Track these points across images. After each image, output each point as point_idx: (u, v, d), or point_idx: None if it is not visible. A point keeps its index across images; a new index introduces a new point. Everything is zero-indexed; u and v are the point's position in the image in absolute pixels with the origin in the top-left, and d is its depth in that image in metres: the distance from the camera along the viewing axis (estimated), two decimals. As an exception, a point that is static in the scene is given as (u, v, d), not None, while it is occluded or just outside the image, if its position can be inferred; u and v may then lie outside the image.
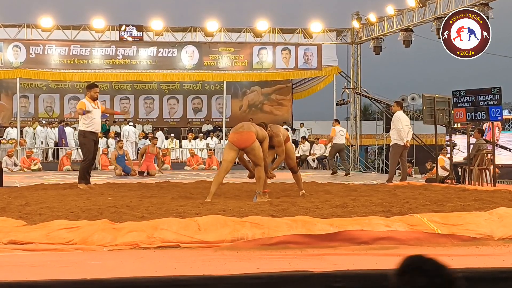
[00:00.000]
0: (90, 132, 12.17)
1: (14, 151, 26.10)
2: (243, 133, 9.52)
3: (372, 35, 28.48)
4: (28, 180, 16.34)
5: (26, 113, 31.81)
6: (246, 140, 9.48)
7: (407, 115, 30.63)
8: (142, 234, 5.76)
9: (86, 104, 12.05)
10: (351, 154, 29.96)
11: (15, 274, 4.46)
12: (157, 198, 9.83)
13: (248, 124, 9.81)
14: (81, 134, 12.28)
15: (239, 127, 9.67)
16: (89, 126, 12.11)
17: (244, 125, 9.67)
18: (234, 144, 9.55)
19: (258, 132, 9.60)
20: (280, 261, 5.01)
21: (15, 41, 27.85)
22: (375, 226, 6.07)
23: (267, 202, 8.88)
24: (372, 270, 4.41)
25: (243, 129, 9.57)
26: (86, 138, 12.13)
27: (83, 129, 12.16)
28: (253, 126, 9.67)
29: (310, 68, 29.96)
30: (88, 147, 12.13)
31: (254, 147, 9.52)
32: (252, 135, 9.50)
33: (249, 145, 9.47)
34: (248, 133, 9.50)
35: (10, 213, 7.46)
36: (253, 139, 9.49)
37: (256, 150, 9.57)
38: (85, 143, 12.17)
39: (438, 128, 16.04)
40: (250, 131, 9.52)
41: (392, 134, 15.31)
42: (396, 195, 10.05)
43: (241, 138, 9.50)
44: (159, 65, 29.18)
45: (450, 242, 5.80)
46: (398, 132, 15.04)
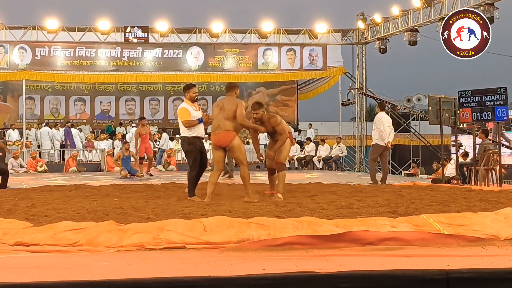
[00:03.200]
0: (196, 138, 10.57)
1: (20, 152, 26.15)
2: (220, 133, 9.73)
3: (377, 35, 28.46)
4: (34, 182, 16.38)
5: (32, 114, 31.87)
6: (225, 140, 9.73)
7: (411, 115, 30.85)
8: (148, 236, 5.77)
9: (188, 109, 10.49)
10: (357, 154, 29.95)
11: (22, 275, 4.47)
12: (162, 199, 9.84)
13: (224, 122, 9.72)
14: (185, 141, 10.58)
15: (216, 127, 9.81)
16: (193, 132, 10.52)
17: (221, 125, 9.73)
18: (216, 144, 9.88)
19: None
20: (286, 262, 5.01)
21: (20, 43, 27.92)
22: (380, 227, 6.06)
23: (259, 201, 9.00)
24: (378, 270, 4.40)
25: (220, 130, 9.72)
26: (191, 145, 10.51)
27: (188, 136, 10.49)
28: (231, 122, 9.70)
29: (315, 69, 29.96)
30: (194, 154, 10.54)
31: (234, 145, 9.76)
32: (230, 134, 9.70)
33: (228, 143, 9.72)
34: (225, 133, 9.69)
35: (16, 214, 7.48)
36: (231, 137, 9.72)
37: (236, 148, 9.80)
38: (191, 150, 10.52)
39: (444, 129, 16.03)
40: (228, 131, 9.67)
41: (373, 135, 15.33)
42: (402, 195, 10.03)
43: (220, 138, 9.77)
44: (164, 66, 29.23)
45: (456, 243, 5.78)
46: (380, 133, 15.09)
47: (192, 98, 10.60)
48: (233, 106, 9.66)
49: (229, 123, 9.65)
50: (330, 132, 31.96)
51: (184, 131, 10.44)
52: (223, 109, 9.71)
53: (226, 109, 9.67)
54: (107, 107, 33.23)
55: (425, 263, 4.85)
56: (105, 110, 33.20)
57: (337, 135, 29.14)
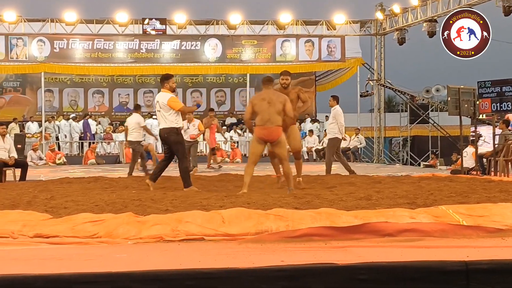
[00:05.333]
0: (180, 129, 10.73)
1: (39, 145, 26.32)
2: (272, 128, 9.65)
3: (396, 26, 28.34)
4: (53, 174, 16.47)
5: (51, 107, 32.03)
6: (276, 135, 9.70)
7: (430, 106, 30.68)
8: (167, 227, 5.77)
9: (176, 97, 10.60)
10: (375, 145, 29.87)
11: (41, 267, 4.49)
12: (181, 191, 9.86)
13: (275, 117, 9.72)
14: (174, 132, 10.53)
15: (266, 120, 9.66)
16: (179, 123, 10.63)
17: (271, 119, 9.68)
18: (262, 138, 9.74)
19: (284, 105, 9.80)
20: (305, 253, 5.00)
21: (39, 36, 28.09)
22: (399, 218, 6.03)
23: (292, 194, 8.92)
24: (397, 262, 4.39)
25: (271, 124, 9.63)
26: (180, 135, 10.65)
27: (176, 126, 10.51)
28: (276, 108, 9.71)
29: (333, 60, 29.90)
30: (183, 145, 10.71)
31: (281, 140, 9.80)
32: (280, 130, 9.73)
33: (277, 138, 9.72)
34: (277, 128, 9.69)
35: (36, 206, 7.52)
36: (281, 133, 9.75)
37: (283, 143, 9.86)
38: (180, 141, 10.60)
39: (463, 119, 15.93)
40: (279, 126, 9.70)
41: (332, 128, 15.16)
42: (421, 186, 9.97)
43: (272, 132, 9.67)
44: (182, 58, 29.27)
45: (475, 234, 5.75)
46: (341, 127, 14.99)
47: (172, 88, 10.70)
48: (283, 101, 9.77)
49: (280, 118, 9.72)
50: (348, 124, 31.64)
51: (171, 122, 10.42)
52: (272, 103, 9.70)
53: (276, 104, 9.69)
54: (125, 99, 33.31)
55: (444, 254, 4.82)
56: (123, 102, 33.29)
57: (356, 127, 29.04)
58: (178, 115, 10.56)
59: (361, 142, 28.07)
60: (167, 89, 10.60)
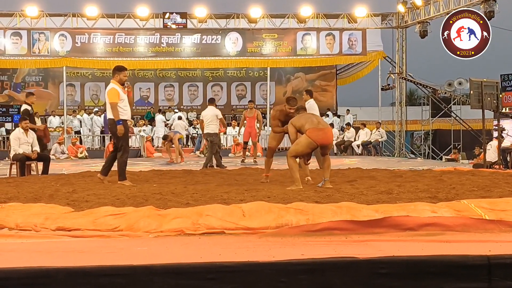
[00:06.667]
0: (125, 121, 10.51)
1: (63, 139, 26.51)
2: (327, 130, 9.48)
3: (417, 19, 28.15)
4: (75, 168, 16.57)
5: (73, 101, 32.24)
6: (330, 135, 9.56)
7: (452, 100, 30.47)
8: (187, 221, 5.79)
9: (118, 90, 10.37)
10: (397, 139, 29.75)
11: (64, 259, 4.52)
12: (201, 184, 9.88)
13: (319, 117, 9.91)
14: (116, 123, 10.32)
15: (318, 122, 9.44)
16: (124, 115, 10.42)
17: (322, 121, 9.68)
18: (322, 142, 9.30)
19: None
20: (325, 247, 4.99)
21: (61, 30, 28.24)
22: (421, 212, 6.00)
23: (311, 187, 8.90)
24: (418, 256, 4.37)
25: (325, 126, 9.57)
26: (123, 127, 10.34)
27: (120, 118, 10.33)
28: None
29: (354, 54, 29.76)
30: (127, 137, 10.56)
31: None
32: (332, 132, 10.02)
33: (331, 141, 9.93)
34: (331, 131, 9.70)
35: (58, 200, 7.57)
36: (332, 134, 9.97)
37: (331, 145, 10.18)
38: (124, 133, 10.37)
39: (485, 113, 15.81)
40: (330, 128, 9.84)
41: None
42: (442, 180, 9.93)
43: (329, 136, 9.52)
44: (203, 52, 29.29)
45: (497, 228, 5.71)
46: None
47: (122, 81, 10.55)
48: None
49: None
50: (369, 117, 31.76)
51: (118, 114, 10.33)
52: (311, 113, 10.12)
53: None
54: (146, 93, 33.44)
55: (466, 248, 4.79)
56: (144, 96, 33.43)
57: (377, 120, 28.93)
58: (125, 106, 10.45)
59: (382, 135, 27.95)
60: (116, 81, 10.49)
